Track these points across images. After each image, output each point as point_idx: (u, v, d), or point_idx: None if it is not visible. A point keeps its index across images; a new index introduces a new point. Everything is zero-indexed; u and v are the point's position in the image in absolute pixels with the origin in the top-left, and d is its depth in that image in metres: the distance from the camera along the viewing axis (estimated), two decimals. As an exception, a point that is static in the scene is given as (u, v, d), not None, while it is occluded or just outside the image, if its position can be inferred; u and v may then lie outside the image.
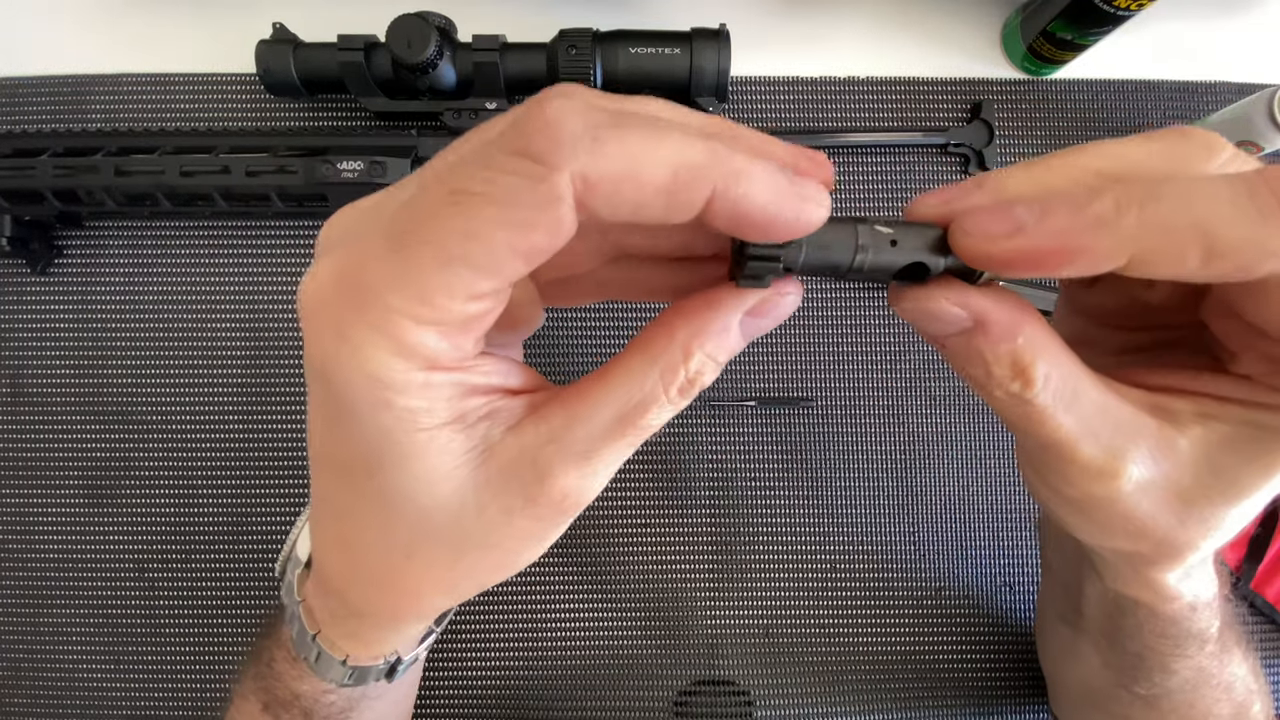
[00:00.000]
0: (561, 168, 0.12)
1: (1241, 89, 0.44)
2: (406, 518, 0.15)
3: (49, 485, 0.42)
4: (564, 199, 0.12)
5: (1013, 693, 0.42)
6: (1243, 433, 0.16)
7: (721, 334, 0.15)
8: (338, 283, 0.13)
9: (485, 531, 0.15)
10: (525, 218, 0.12)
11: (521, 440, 0.15)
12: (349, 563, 0.18)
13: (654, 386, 0.15)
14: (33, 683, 0.42)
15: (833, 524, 0.43)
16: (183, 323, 0.42)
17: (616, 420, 0.15)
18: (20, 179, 0.37)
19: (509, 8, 0.43)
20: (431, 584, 0.17)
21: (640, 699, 0.42)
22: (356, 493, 0.16)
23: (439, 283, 0.12)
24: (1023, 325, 0.15)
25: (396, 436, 0.14)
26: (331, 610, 0.21)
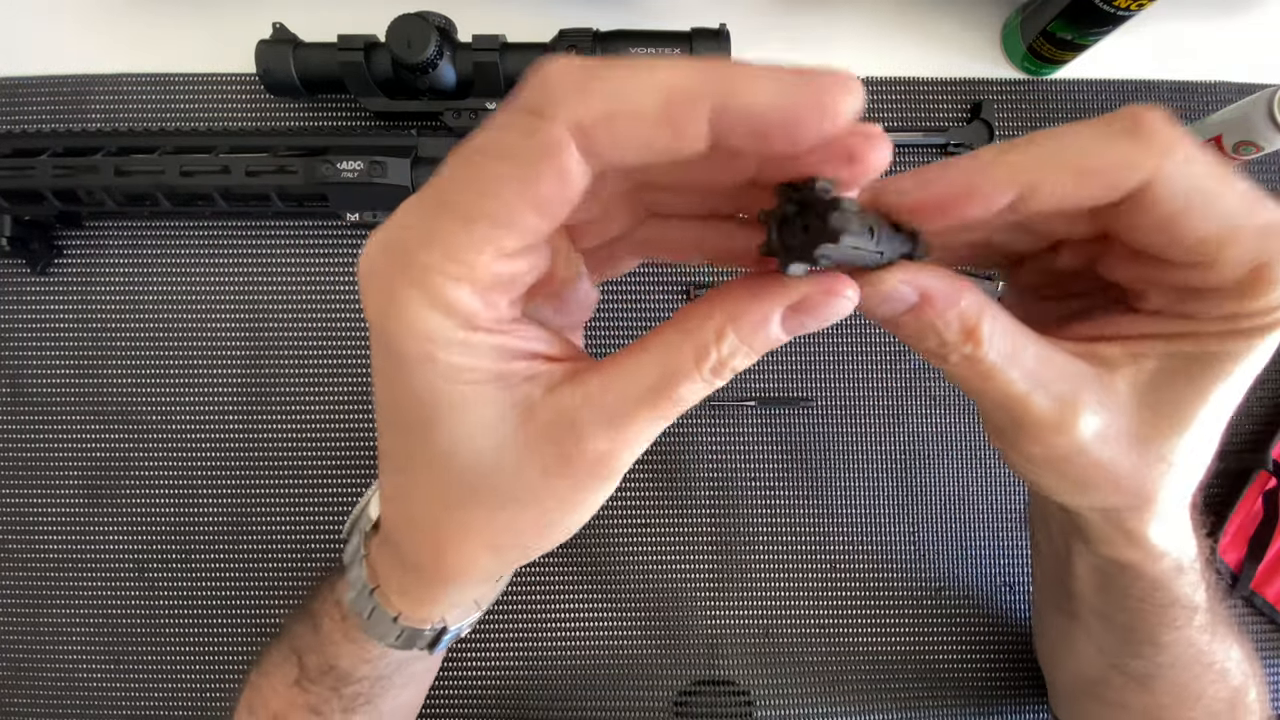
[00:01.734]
0: (555, 116, 0.12)
1: (1241, 89, 0.44)
2: (451, 469, 0.16)
3: (49, 485, 0.42)
4: (563, 145, 0.12)
5: (1013, 693, 0.42)
6: (1169, 364, 0.17)
7: (760, 324, 0.15)
8: (383, 250, 0.14)
9: (523, 487, 0.16)
10: (529, 169, 0.13)
11: (559, 401, 0.16)
12: (404, 513, 0.19)
13: (686, 362, 0.15)
14: (33, 683, 0.42)
15: (833, 524, 0.43)
16: (183, 323, 0.42)
17: (649, 389, 0.15)
18: (20, 179, 0.37)
19: (509, 8, 0.43)
20: (474, 537, 0.18)
21: (640, 699, 0.42)
22: (410, 446, 0.17)
23: (464, 240, 0.13)
24: (962, 292, 0.16)
25: (442, 391, 0.15)
26: (389, 565, 0.22)
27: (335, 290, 0.43)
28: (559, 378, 0.16)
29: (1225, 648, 0.26)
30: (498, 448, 0.16)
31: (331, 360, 0.43)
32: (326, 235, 0.43)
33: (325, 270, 0.43)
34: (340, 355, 0.43)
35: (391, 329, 0.14)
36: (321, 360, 0.43)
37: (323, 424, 0.43)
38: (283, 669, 0.28)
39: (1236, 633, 0.27)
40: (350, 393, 0.43)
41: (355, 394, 0.43)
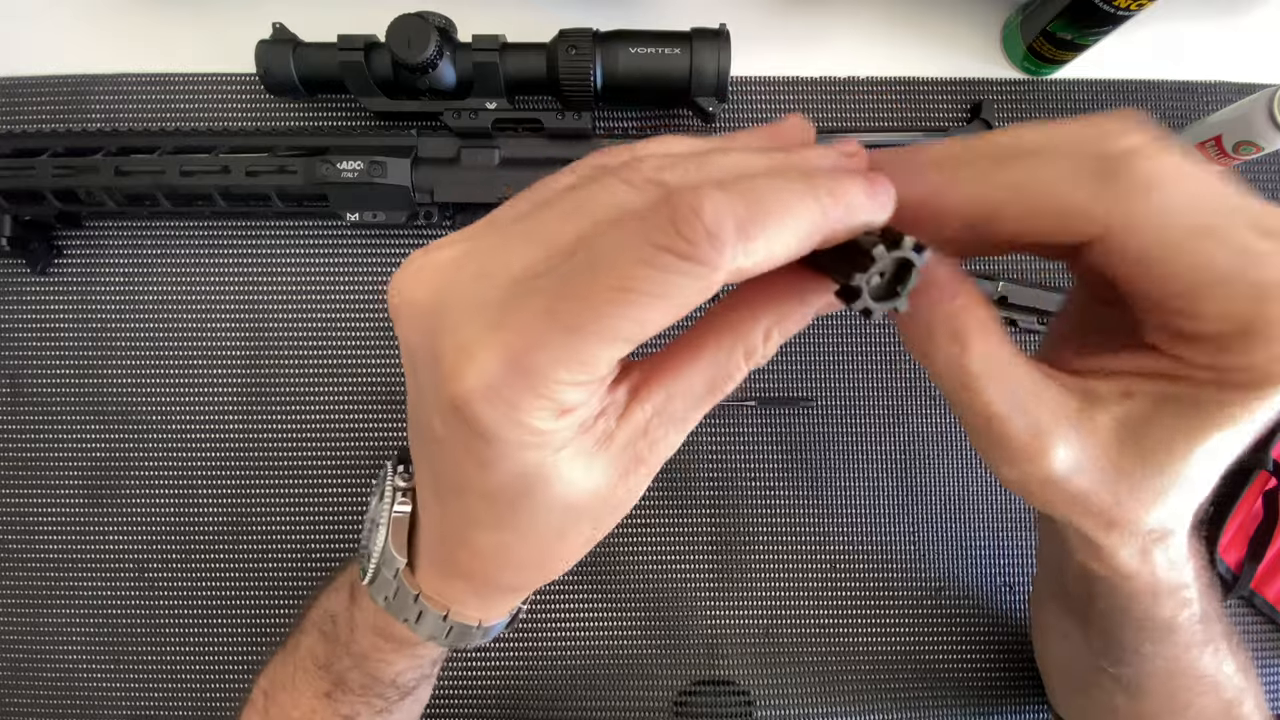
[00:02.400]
0: (723, 268, 0.14)
1: (1241, 89, 0.44)
2: (557, 515, 0.18)
3: (49, 485, 0.42)
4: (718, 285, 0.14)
5: (1013, 693, 0.42)
6: (1160, 405, 0.17)
7: (800, 321, 0.17)
8: (509, 369, 0.15)
9: (612, 495, 0.18)
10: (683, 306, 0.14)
11: (632, 422, 0.17)
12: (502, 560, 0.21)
13: (737, 362, 0.17)
14: (33, 683, 0.42)
15: (833, 524, 0.43)
16: (183, 323, 0.42)
17: (706, 392, 0.17)
18: (20, 179, 0.37)
19: (509, 8, 0.43)
20: (579, 549, 0.20)
21: (640, 699, 0.42)
22: (510, 510, 0.18)
23: (599, 355, 0.15)
24: (961, 289, 0.16)
25: (544, 466, 0.16)
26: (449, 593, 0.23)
27: (335, 290, 0.43)
28: (624, 401, 0.17)
29: (1219, 660, 0.26)
30: (592, 478, 0.17)
31: (331, 360, 0.43)
32: (326, 235, 0.43)
33: (325, 270, 0.43)
34: (340, 355, 0.43)
35: (501, 429, 0.15)
36: (321, 360, 0.43)
37: (323, 424, 0.43)
38: (310, 683, 0.27)
39: (1235, 644, 0.27)
40: (350, 393, 0.43)
41: (355, 394, 0.43)
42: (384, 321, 0.43)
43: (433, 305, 0.16)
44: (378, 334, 0.43)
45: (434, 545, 0.22)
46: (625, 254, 0.14)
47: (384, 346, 0.43)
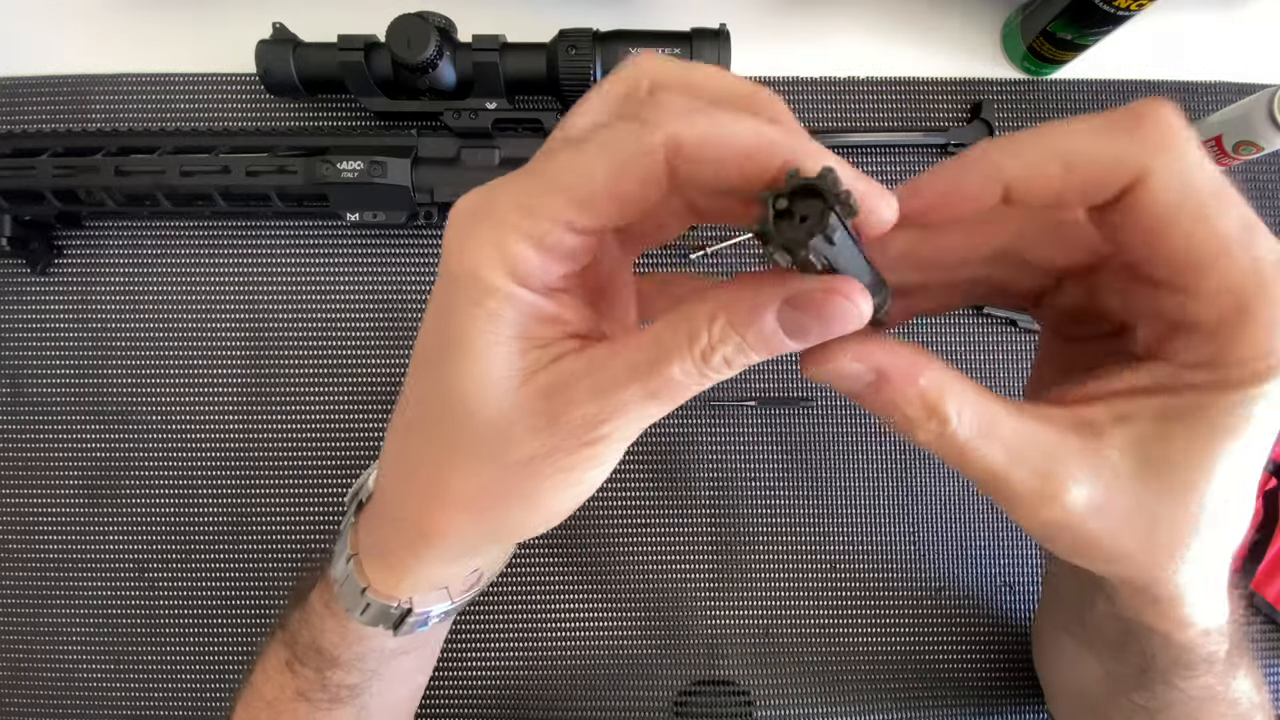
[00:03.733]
0: (659, 127, 0.14)
1: (1241, 89, 0.44)
2: (455, 414, 0.17)
3: (49, 485, 0.42)
4: (657, 151, 0.14)
5: (1012, 693, 0.42)
6: (1162, 424, 0.16)
7: (751, 312, 0.15)
8: (476, 198, 0.16)
9: (511, 445, 0.17)
10: (622, 164, 0.14)
11: (560, 368, 0.16)
12: (401, 451, 0.20)
13: (679, 342, 0.15)
14: (33, 683, 0.42)
15: (833, 524, 0.43)
16: (183, 323, 0.42)
17: (643, 364, 0.16)
18: (20, 179, 0.37)
19: (509, 8, 0.43)
20: (457, 489, 0.18)
21: (640, 699, 0.42)
22: (428, 382, 0.18)
23: (543, 205, 0.15)
24: (921, 369, 0.16)
25: (472, 332, 0.16)
26: (373, 524, 0.23)
27: (335, 290, 0.43)
28: (569, 351, 0.17)
29: (1239, 680, 0.26)
30: (498, 401, 0.16)
31: (331, 360, 0.43)
32: (326, 235, 0.43)
33: (325, 270, 0.43)
34: (340, 355, 0.43)
35: (455, 265, 0.16)
36: (321, 360, 0.43)
37: (323, 424, 0.43)
38: (277, 652, 0.28)
39: (1250, 661, 0.26)
40: (350, 393, 0.43)
41: (355, 394, 0.43)
42: (384, 321, 0.43)
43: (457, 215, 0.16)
44: (378, 334, 0.43)
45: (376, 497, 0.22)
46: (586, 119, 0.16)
47: (384, 346, 0.43)
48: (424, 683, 0.33)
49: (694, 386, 0.16)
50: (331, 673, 0.26)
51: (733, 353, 0.15)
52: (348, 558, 0.23)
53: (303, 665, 0.26)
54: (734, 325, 0.15)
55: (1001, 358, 0.43)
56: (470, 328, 0.16)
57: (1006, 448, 0.16)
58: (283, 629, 0.28)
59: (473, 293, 0.16)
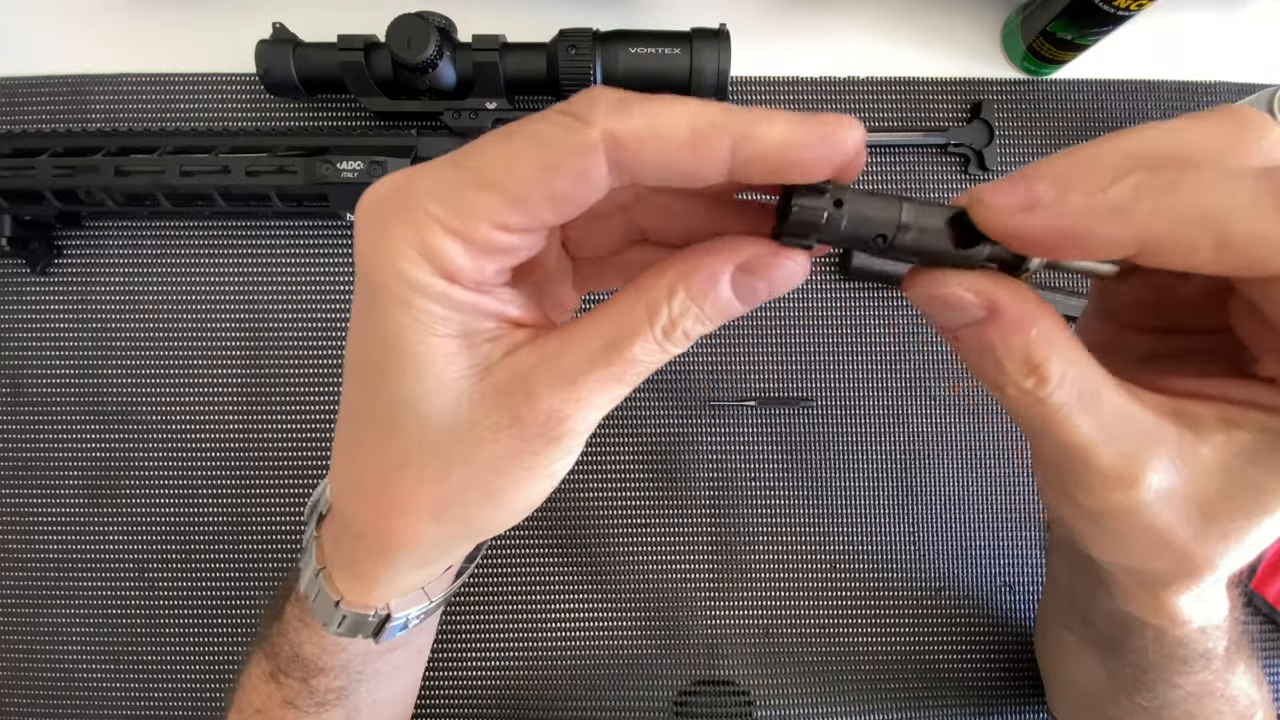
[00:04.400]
0: (594, 123, 0.13)
1: (1241, 89, 0.44)
2: (405, 423, 0.16)
3: (49, 485, 0.42)
4: (594, 149, 0.13)
5: (1012, 693, 0.42)
6: (1264, 440, 0.15)
7: (709, 281, 0.15)
8: (391, 189, 0.15)
9: (474, 447, 0.16)
10: (557, 160, 0.13)
11: (516, 361, 0.16)
12: (352, 468, 0.19)
13: (639, 319, 0.15)
14: (33, 683, 0.42)
15: (833, 524, 0.43)
16: (183, 323, 0.42)
17: (604, 347, 0.15)
18: (20, 179, 0.37)
19: (509, 8, 0.43)
20: (419, 499, 0.17)
21: (640, 699, 0.42)
22: (368, 393, 0.17)
23: (472, 201, 0.14)
24: (1037, 319, 0.14)
25: (409, 337, 0.15)
26: (336, 539, 0.22)
27: (335, 290, 0.43)
28: (520, 341, 0.16)
29: (1237, 677, 0.26)
30: (453, 403, 0.16)
31: (332, 360, 0.43)
32: (326, 235, 0.43)
33: (325, 270, 0.43)
34: (340, 355, 0.43)
35: (375, 266, 0.14)
36: (321, 360, 0.43)
37: (323, 424, 0.43)
38: (260, 664, 0.27)
39: (1250, 658, 0.27)
40: (350, 393, 0.43)
41: (355, 394, 0.43)
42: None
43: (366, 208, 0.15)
44: (378, 334, 0.43)
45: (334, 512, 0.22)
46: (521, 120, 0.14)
47: (384, 346, 0.43)
48: (419, 675, 0.33)
49: (655, 364, 0.15)
50: (317, 680, 0.26)
51: (692, 324, 0.15)
52: (316, 572, 0.23)
53: (287, 676, 0.26)
54: (692, 297, 0.15)
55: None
56: (404, 332, 0.15)
57: (1102, 423, 0.15)
58: (263, 642, 0.28)
59: (398, 293, 0.14)
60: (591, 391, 0.15)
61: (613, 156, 0.13)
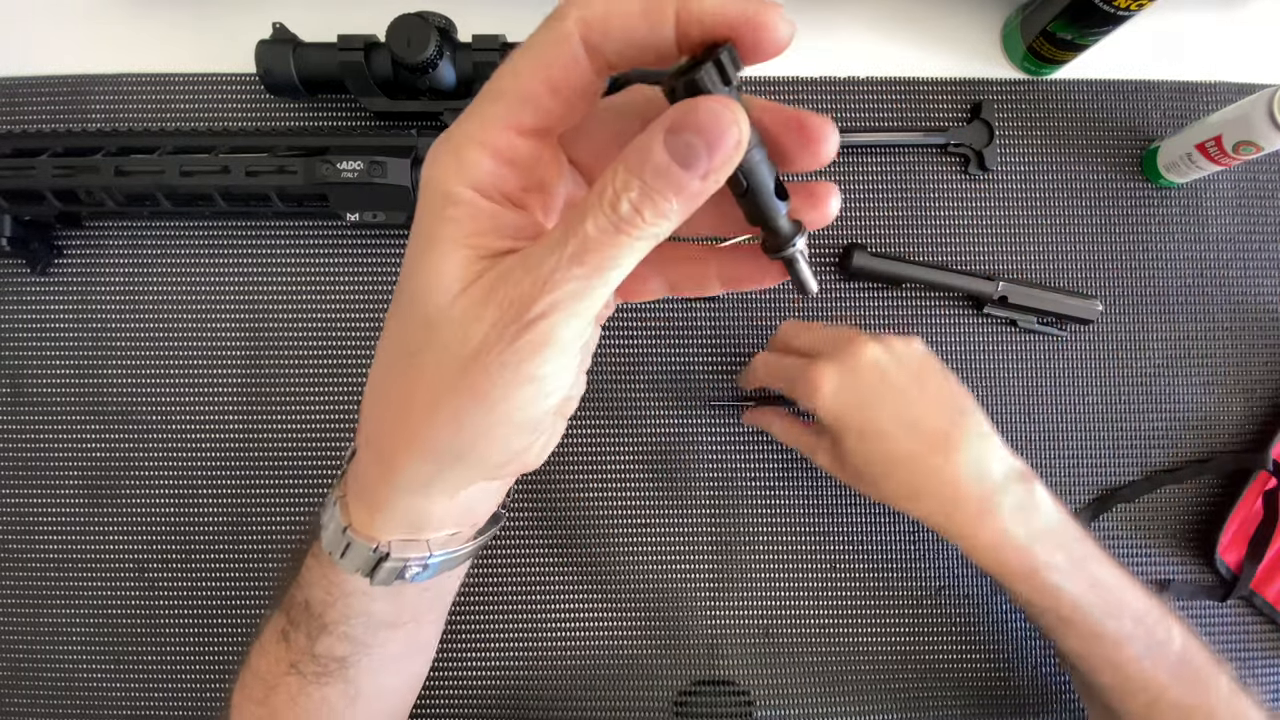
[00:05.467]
0: (566, 15, 0.15)
1: (1241, 89, 0.44)
2: (414, 316, 0.18)
3: (49, 485, 0.42)
4: (571, 34, 0.15)
5: (1012, 693, 0.42)
6: None
7: (640, 151, 0.16)
8: (444, 132, 0.18)
9: (462, 340, 0.17)
10: (544, 52, 0.16)
11: (503, 264, 0.17)
12: (374, 376, 0.21)
13: (590, 201, 0.16)
14: (33, 683, 0.42)
15: (833, 524, 0.43)
16: (183, 323, 0.42)
17: (562, 233, 0.16)
18: (20, 179, 0.37)
19: (509, 8, 0.43)
20: (415, 398, 0.19)
21: (640, 699, 0.42)
22: (399, 296, 0.19)
23: (489, 112, 0.17)
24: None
25: (434, 238, 0.17)
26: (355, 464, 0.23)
27: (335, 290, 0.43)
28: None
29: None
30: (449, 300, 0.17)
31: (331, 360, 0.43)
32: (326, 235, 0.43)
33: (325, 270, 0.43)
34: (340, 355, 0.43)
35: (424, 182, 0.17)
36: (321, 360, 0.43)
37: (323, 424, 0.43)
38: (274, 624, 0.28)
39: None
40: (350, 393, 0.43)
41: (355, 394, 0.43)
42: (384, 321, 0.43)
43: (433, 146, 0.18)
44: (378, 334, 0.43)
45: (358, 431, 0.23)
46: None
47: (384, 346, 0.43)
48: (420, 674, 0.33)
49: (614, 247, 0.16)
50: (320, 639, 0.26)
51: (638, 197, 0.16)
52: (335, 499, 0.24)
53: (295, 630, 0.27)
54: (630, 168, 0.16)
55: (1001, 358, 0.43)
56: (432, 233, 0.17)
57: None
58: (281, 595, 0.28)
59: (436, 203, 0.17)
60: (554, 273, 0.16)
61: (585, 36, 0.15)
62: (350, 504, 0.24)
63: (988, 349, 0.43)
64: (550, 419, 0.21)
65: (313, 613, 0.26)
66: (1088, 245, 0.44)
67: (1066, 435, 0.43)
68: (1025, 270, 0.43)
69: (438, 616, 0.30)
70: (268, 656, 0.28)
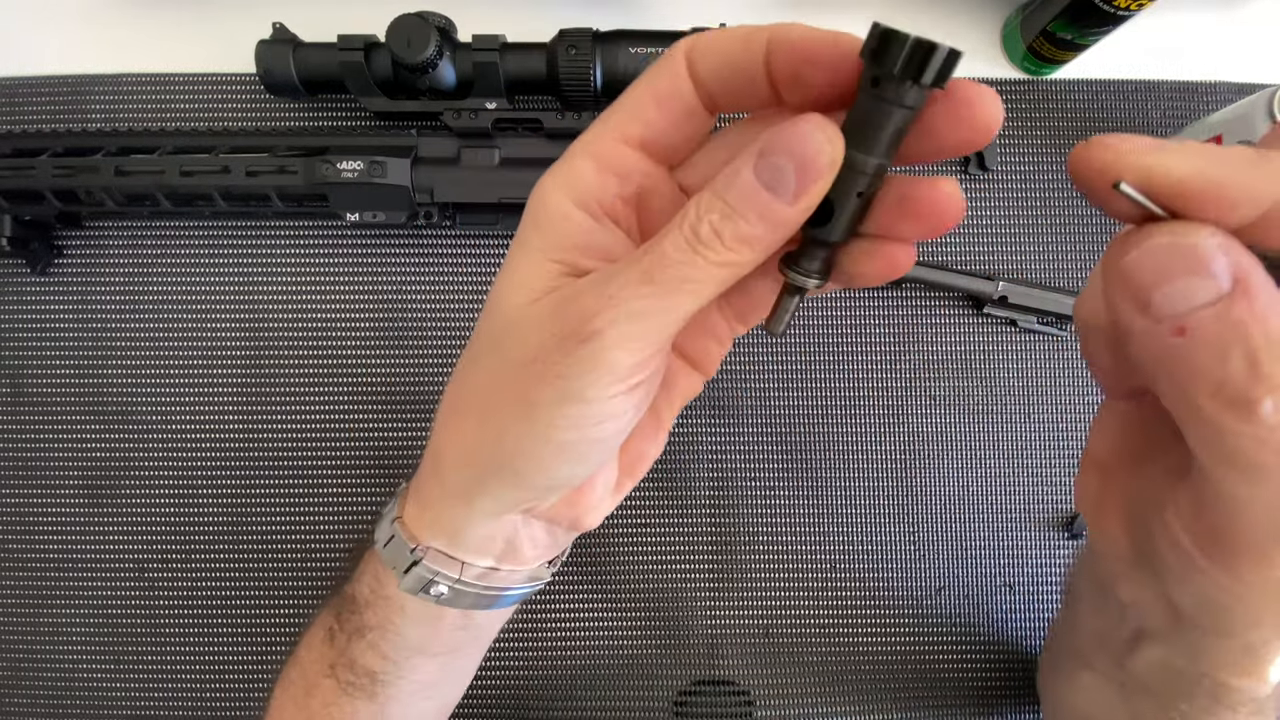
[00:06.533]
0: (678, 46, 0.17)
1: (1241, 89, 0.44)
2: (491, 321, 0.19)
3: (49, 485, 0.42)
4: (678, 57, 0.17)
5: (1012, 693, 0.42)
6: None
7: (729, 175, 0.15)
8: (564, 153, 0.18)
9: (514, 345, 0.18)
10: (654, 72, 0.17)
11: (578, 281, 0.17)
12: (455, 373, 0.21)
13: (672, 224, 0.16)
14: (33, 683, 0.42)
15: (833, 524, 0.43)
16: (183, 323, 0.42)
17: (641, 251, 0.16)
18: (20, 179, 0.37)
19: (509, 8, 0.43)
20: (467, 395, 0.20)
21: (640, 699, 0.42)
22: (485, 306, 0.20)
23: (601, 125, 0.18)
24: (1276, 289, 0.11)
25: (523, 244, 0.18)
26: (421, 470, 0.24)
27: (335, 290, 0.43)
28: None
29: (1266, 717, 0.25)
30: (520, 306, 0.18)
31: (331, 360, 0.43)
32: (326, 235, 0.43)
33: (325, 270, 0.43)
34: (340, 355, 0.43)
35: (534, 189, 0.18)
36: (321, 360, 0.43)
37: (323, 424, 0.43)
38: (324, 619, 0.28)
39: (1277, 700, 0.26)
40: (350, 393, 0.43)
41: (355, 394, 0.43)
42: (384, 321, 0.43)
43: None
44: (378, 334, 0.43)
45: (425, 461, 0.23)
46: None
47: (384, 346, 0.43)
48: (454, 700, 0.31)
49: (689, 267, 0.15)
50: (357, 644, 0.26)
51: (719, 219, 0.15)
52: (399, 492, 0.25)
53: (340, 630, 0.27)
54: (716, 190, 0.15)
55: (1001, 358, 0.43)
56: (523, 239, 0.18)
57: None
58: (336, 589, 0.28)
59: (535, 210, 0.18)
60: (621, 289, 0.16)
61: (689, 55, 0.17)
62: (408, 497, 0.24)
63: (988, 349, 0.43)
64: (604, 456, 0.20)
65: (357, 607, 0.26)
66: (1088, 245, 0.44)
67: (1066, 435, 0.43)
68: (1025, 270, 0.43)
69: (477, 650, 0.29)
70: (313, 651, 0.28)
